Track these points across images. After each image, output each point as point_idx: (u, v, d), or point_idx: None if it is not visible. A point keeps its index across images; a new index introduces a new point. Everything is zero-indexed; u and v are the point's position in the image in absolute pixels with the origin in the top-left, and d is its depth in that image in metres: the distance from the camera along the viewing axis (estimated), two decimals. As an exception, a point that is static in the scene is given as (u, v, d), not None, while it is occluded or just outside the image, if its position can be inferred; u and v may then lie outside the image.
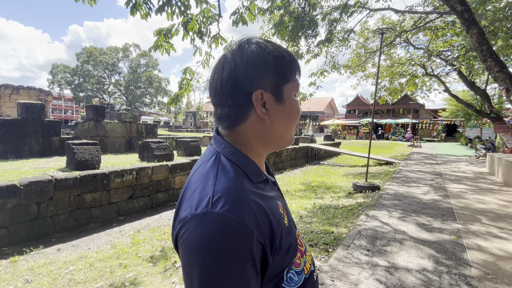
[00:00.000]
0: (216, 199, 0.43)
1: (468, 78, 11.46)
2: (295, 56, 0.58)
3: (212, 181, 0.47)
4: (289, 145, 0.60)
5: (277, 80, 0.53)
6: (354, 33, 9.72)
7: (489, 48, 4.76)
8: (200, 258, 0.40)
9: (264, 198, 0.49)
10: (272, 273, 0.49)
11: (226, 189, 0.45)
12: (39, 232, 3.56)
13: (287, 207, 0.63)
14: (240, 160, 0.52)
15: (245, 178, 0.50)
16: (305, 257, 0.59)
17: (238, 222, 0.41)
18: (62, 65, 37.05)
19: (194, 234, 0.41)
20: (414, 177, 7.42)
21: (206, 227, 0.41)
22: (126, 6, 3.30)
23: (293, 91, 0.56)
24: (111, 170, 4.45)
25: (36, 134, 6.66)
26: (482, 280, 2.34)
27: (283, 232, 0.50)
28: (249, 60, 0.51)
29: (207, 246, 0.40)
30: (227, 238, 0.40)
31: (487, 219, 3.98)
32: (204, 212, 0.42)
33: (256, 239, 0.42)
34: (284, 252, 0.50)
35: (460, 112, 22.34)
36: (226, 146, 0.54)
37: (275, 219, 0.48)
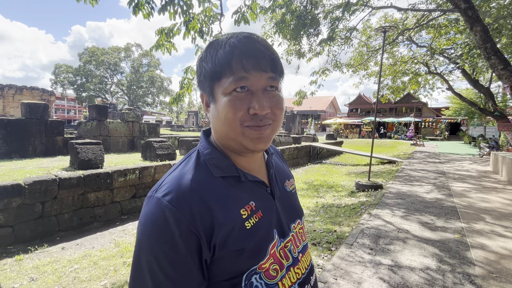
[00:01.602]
0: (161, 186, 0.50)
1: (472, 76, 11.37)
2: (247, 46, 0.50)
3: (171, 171, 0.54)
4: (247, 149, 0.53)
5: (208, 81, 0.53)
6: (356, 31, 9.68)
7: (493, 45, 4.72)
8: (138, 230, 0.48)
9: (218, 194, 0.50)
10: (222, 272, 0.48)
11: (172, 178, 0.51)
12: (43, 231, 3.59)
13: (283, 212, 0.59)
14: (208, 154, 0.55)
15: (205, 172, 0.53)
16: (284, 271, 0.54)
17: (167, 207, 0.46)
18: (64, 65, 37.26)
19: (141, 212, 0.50)
20: (417, 176, 7.38)
21: (146, 207, 0.49)
22: (128, 6, 3.31)
23: (225, 88, 0.50)
24: (114, 170, 4.47)
25: (40, 134, 6.71)
26: (486, 279, 2.33)
27: (233, 232, 0.48)
28: (196, 66, 0.57)
29: (142, 223, 0.48)
30: (156, 219, 0.46)
31: (491, 217, 3.95)
32: (150, 195, 0.50)
33: (187, 228, 0.45)
34: (234, 253, 0.48)
35: (463, 110, 22.15)
36: (202, 141, 0.59)
37: (221, 217, 0.48)
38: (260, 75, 0.50)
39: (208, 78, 0.52)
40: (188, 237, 0.45)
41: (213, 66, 0.50)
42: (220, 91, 0.51)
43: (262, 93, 0.51)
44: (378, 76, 6.35)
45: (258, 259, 0.51)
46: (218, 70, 0.50)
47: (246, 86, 0.50)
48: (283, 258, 0.56)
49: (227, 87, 0.49)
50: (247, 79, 0.49)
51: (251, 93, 0.50)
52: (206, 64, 0.52)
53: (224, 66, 0.49)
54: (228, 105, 0.49)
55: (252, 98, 0.50)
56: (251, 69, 0.49)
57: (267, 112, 0.50)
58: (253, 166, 0.59)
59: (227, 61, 0.49)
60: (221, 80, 0.50)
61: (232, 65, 0.49)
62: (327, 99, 45.88)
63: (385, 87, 13.60)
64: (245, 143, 0.52)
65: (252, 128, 0.51)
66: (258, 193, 0.56)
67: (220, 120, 0.52)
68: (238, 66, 0.49)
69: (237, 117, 0.50)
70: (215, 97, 0.52)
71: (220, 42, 0.51)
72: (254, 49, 0.50)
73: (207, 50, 0.53)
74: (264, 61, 0.50)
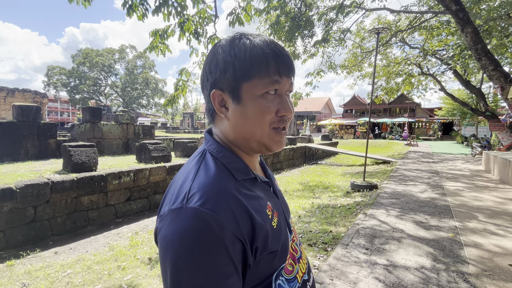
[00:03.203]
0: (192, 194, 0.44)
1: (463, 77, 11.56)
2: (278, 50, 0.51)
3: (192, 177, 0.48)
4: (268, 150, 0.54)
5: (234, 79, 0.50)
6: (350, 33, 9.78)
7: (484, 47, 4.81)
8: (172, 251, 0.41)
9: (247, 197, 0.49)
10: (256, 276, 0.47)
11: (202, 185, 0.46)
12: (36, 235, 3.52)
13: (284, 209, 0.61)
14: (225, 157, 0.53)
15: (228, 175, 0.50)
16: (298, 264, 0.57)
17: (211, 216, 0.41)
18: (58, 67, 36.82)
19: (169, 228, 0.43)
20: (411, 175, 7.46)
21: (179, 221, 0.42)
22: (122, 8, 3.29)
23: (257, 89, 0.49)
24: (108, 172, 4.42)
25: (32, 137, 6.61)
26: (480, 277, 2.36)
27: (268, 233, 0.48)
28: (211, 61, 0.53)
29: (179, 239, 0.41)
30: (199, 231, 0.41)
31: (483, 216, 4.01)
32: (180, 207, 0.43)
33: (233, 235, 0.42)
34: (270, 255, 0.48)
35: (456, 110, 22.50)
36: (213, 143, 0.55)
37: (258, 218, 0.47)
38: (287, 80, 0.52)
39: (237, 76, 0.49)
40: (235, 245, 0.42)
41: (247, 65, 0.49)
42: (249, 91, 0.50)
43: (286, 97, 0.53)
44: (372, 77, 6.42)
45: (286, 257, 0.53)
46: (252, 69, 0.49)
47: (277, 89, 0.51)
48: (294, 252, 0.58)
49: (260, 88, 0.49)
50: (280, 83, 0.51)
51: (279, 96, 0.52)
52: (236, 61, 0.49)
53: (262, 66, 0.49)
54: (261, 106, 0.50)
55: (281, 101, 0.51)
56: (284, 74, 0.51)
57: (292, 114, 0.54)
58: (257, 166, 0.61)
59: (265, 62, 0.49)
60: (252, 80, 0.49)
61: (269, 67, 0.49)
62: (322, 100, 46.16)
63: (379, 88, 13.75)
64: (269, 144, 0.53)
65: (277, 131, 0.52)
66: (269, 193, 0.58)
67: (248, 120, 0.51)
68: (275, 70, 0.50)
69: (267, 119, 0.51)
70: (241, 97, 0.50)
71: (251, 41, 0.50)
72: (285, 55, 0.52)
73: (232, 45, 0.51)
74: (292, 68, 0.53)
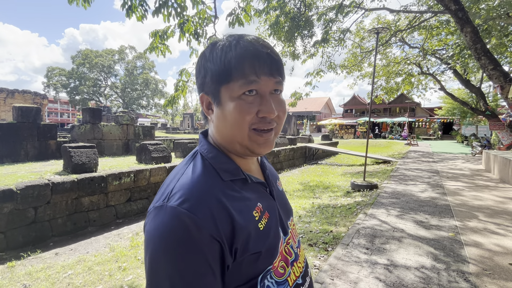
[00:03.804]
0: (173, 193, 0.47)
1: (463, 76, 11.56)
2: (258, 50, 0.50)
3: (178, 177, 0.51)
4: (252, 152, 0.53)
5: (213, 83, 0.51)
6: (350, 33, 9.78)
7: (483, 46, 4.81)
8: (151, 246, 0.44)
9: (232, 198, 0.49)
10: (239, 276, 0.48)
11: (184, 185, 0.48)
12: (36, 236, 3.53)
13: (281, 211, 0.61)
14: (214, 158, 0.54)
15: (214, 176, 0.51)
16: (290, 268, 0.56)
17: (187, 215, 0.43)
18: (57, 68, 36.88)
19: (150, 225, 0.45)
20: (411, 175, 7.46)
21: (158, 218, 0.44)
22: (122, 8, 3.29)
23: (234, 91, 0.49)
24: (108, 173, 4.42)
25: (32, 138, 6.61)
26: (480, 276, 2.36)
27: (251, 235, 0.48)
28: (196, 66, 0.56)
29: (158, 235, 0.43)
30: (174, 229, 0.42)
31: (484, 215, 4.01)
32: (161, 205, 0.46)
33: (210, 235, 0.43)
34: (253, 256, 0.48)
35: (455, 110, 22.52)
36: (204, 144, 0.57)
37: (240, 221, 0.47)
38: (269, 80, 0.50)
39: (216, 80, 0.51)
40: (211, 245, 0.43)
41: (222, 68, 0.50)
42: (228, 94, 0.50)
43: (269, 97, 0.51)
44: (372, 77, 6.42)
45: (272, 259, 0.52)
46: (228, 72, 0.49)
47: (255, 90, 0.50)
48: (288, 254, 0.57)
49: (237, 90, 0.49)
50: (258, 83, 0.49)
51: (259, 97, 0.50)
52: (213, 65, 0.51)
53: (236, 68, 0.49)
54: (238, 108, 0.49)
55: (262, 102, 0.50)
56: (262, 74, 0.49)
57: (275, 115, 0.52)
58: (253, 168, 0.61)
59: (239, 64, 0.49)
60: (230, 83, 0.49)
61: (244, 68, 0.49)
62: (322, 100, 46.16)
63: (379, 88, 13.76)
64: (252, 147, 0.52)
65: (258, 133, 0.51)
66: (262, 194, 0.57)
67: (228, 123, 0.51)
68: (250, 70, 0.49)
69: (246, 120, 0.50)
70: (221, 100, 0.51)
71: (229, 44, 0.51)
72: (264, 54, 0.50)
73: (212, 51, 0.52)
74: (274, 66, 0.51)
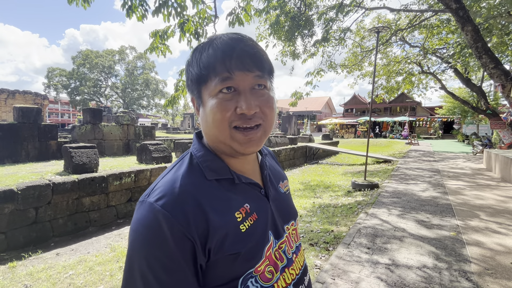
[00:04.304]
0: (154, 190, 0.49)
1: (464, 75, 11.54)
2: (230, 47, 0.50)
3: (163, 175, 0.54)
4: (237, 152, 0.52)
5: (194, 85, 0.53)
6: (350, 32, 9.76)
7: (484, 45, 4.80)
8: (130, 238, 0.47)
9: (213, 197, 0.50)
10: (217, 277, 0.48)
11: (164, 182, 0.50)
12: (37, 237, 3.53)
13: (276, 213, 0.59)
14: (202, 157, 0.55)
15: (198, 175, 0.52)
16: (279, 273, 0.54)
17: (161, 212, 0.45)
18: (58, 69, 36.94)
19: (133, 218, 0.48)
20: (412, 174, 7.45)
21: (138, 212, 0.48)
22: (122, 8, 3.29)
23: (210, 90, 0.50)
24: (109, 173, 4.42)
25: (33, 139, 6.61)
26: (482, 275, 2.36)
27: (228, 235, 0.48)
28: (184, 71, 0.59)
29: (134, 229, 0.47)
30: (149, 225, 0.45)
31: (485, 214, 4.00)
32: (142, 200, 0.49)
33: (181, 233, 0.44)
34: (230, 257, 0.48)
35: (456, 109, 22.48)
36: (195, 143, 0.58)
37: (216, 220, 0.47)
38: (245, 75, 0.49)
39: (195, 82, 0.52)
40: (182, 242, 0.44)
41: (199, 70, 0.51)
42: (207, 94, 0.51)
43: (249, 93, 0.50)
44: (372, 76, 6.41)
45: (254, 262, 0.51)
46: (203, 73, 0.50)
47: (233, 87, 0.49)
48: (278, 259, 0.55)
49: (213, 89, 0.50)
50: (232, 79, 0.48)
51: (238, 93, 0.49)
52: (193, 69, 0.52)
53: (209, 68, 0.49)
54: (215, 106, 0.49)
55: (239, 98, 0.49)
56: (235, 69, 0.48)
57: (255, 112, 0.50)
58: (247, 167, 0.59)
59: (211, 63, 0.49)
60: (207, 83, 0.50)
61: (216, 66, 0.49)
62: (322, 99, 46.12)
63: (380, 87, 13.74)
64: (234, 146, 0.51)
65: (240, 132, 0.50)
66: (252, 195, 0.56)
67: (208, 122, 0.51)
68: (222, 67, 0.48)
69: (225, 118, 0.49)
70: (203, 100, 0.52)
71: (204, 46, 0.52)
72: (237, 49, 0.49)
73: (192, 55, 0.54)
74: (248, 60, 0.49)
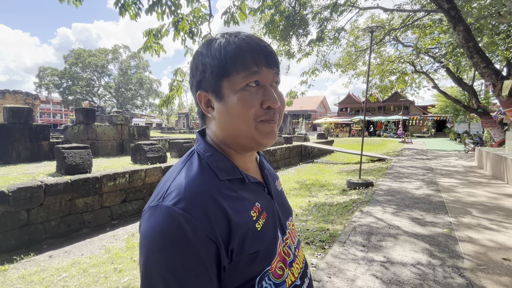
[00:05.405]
0: (168, 193, 0.46)
1: (456, 75, 11.71)
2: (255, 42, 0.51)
3: (174, 177, 0.50)
4: (259, 144, 0.52)
5: (214, 78, 0.50)
6: (344, 32, 9.82)
7: (475, 44, 4.88)
8: (145, 246, 0.43)
9: (228, 197, 0.49)
10: (237, 278, 0.47)
11: (179, 184, 0.47)
12: (29, 239, 3.47)
13: (280, 211, 0.60)
14: (211, 157, 0.53)
15: (211, 175, 0.50)
16: (288, 269, 0.55)
17: (182, 215, 0.42)
18: (49, 68, 36.30)
19: (145, 224, 0.44)
20: (406, 172, 7.54)
21: (153, 218, 0.44)
22: (115, 7, 3.24)
23: (237, 83, 0.49)
24: (103, 174, 4.37)
25: (24, 139, 6.49)
26: (475, 271, 2.40)
27: (248, 235, 0.48)
28: (192, 65, 0.55)
29: (152, 235, 0.42)
30: (169, 229, 0.42)
31: (477, 211, 4.07)
32: (156, 205, 0.45)
33: (205, 235, 0.42)
34: (250, 257, 0.47)
35: (449, 108, 22.82)
36: (201, 143, 0.56)
37: (237, 221, 0.47)
38: (268, 71, 0.51)
39: (216, 74, 0.50)
40: (206, 245, 0.42)
41: (223, 61, 0.49)
42: (230, 87, 0.50)
43: (270, 88, 0.52)
44: (367, 76, 6.46)
45: (270, 260, 0.51)
46: (229, 65, 0.49)
47: (258, 81, 0.50)
48: (286, 255, 0.57)
49: (239, 82, 0.49)
50: (260, 74, 0.50)
51: (262, 88, 0.51)
52: (213, 60, 0.50)
53: (236, 61, 0.49)
54: (242, 100, 0.49)
55: (265, 92, 0.51)
56: (263, 65, 0.50)
57: (278, 106, 0.52)
58: (250, 166, 0.60)
59: (240, 56, 0.49)
60: (231, 76, 0.49)
61: (245, 60, 0.49)
62: (317, 99, 46.33)
63: (374, 86, 13.87)
64: (258, 138, 0.52)
65: (266, 122, 0.51)
66: (260, 194, 0.57)
67: (232, 116, 0.50)
68: (251, 61, 0.49)
69: (251, 112, 0.50)
70: (223, 94, 0.50)
71: (226, 39, 0.51)
72: (262, 46, 0.51)
73: (209, 47, 0.52)
74: (271, 58, 0.52)
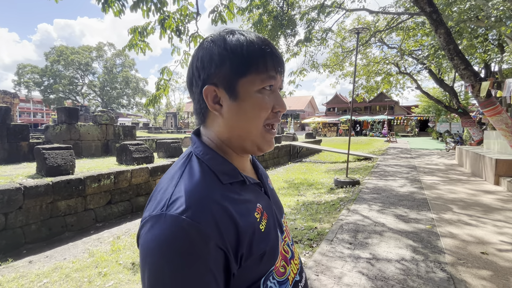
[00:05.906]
0: (173, 200, 0.42)
1: (438, 76, 12.15)
2: (272, 47, 0.51)
3: (175, 182, 0.46)
4: (260, 150, 0.53)
5: (231, 75, 0.48)
6: (332, 33, 9.96)
7: (456, 47, 5.06)
8: (150, 258, 0.40)
9: (233, 201, 0.47)
10: (243, 281, 0.46)
11: (185, 191, 0.44)
12: (7, 244, 3.31)
13: (276, 209, 0.60)
14: (211, 160, 0.50)
15: (213, 179, 0.48)
16: (289, 266, 0.56)
17: (190, 225, 0.40)
18: (29, 65, 34.76)
19: (148, 235, 0.41)
20: (391, 171, 7.74)
21: (158, 228, 0.40)
22: (97, 3, 3.15)
23: (255, 85, 0.48)
24: (86, 175, 4.23)
25: (1, 140, 6.20)
26: (455, 265, 2.49)
27: (254, 238, 0.47)
28: (203, 55, 0.50)
29: (158, 247, 0.39)
30: (177, 240, 0.39)
31: (457, 207, 4.24)
32: (159, 214, 0.41)
33: (215, 244, 0.40)
34: (257, 259, 0.47)
35: (431, 108, 23.65)
36: (199, 145, 0.53)
37: (244, 224, 0.45)
38: (280, 77, 0.52)
39: (235, 71, 0.48)
40: (216, 254, 0.41)
41: (246, 60, 0.47)
42: (247, 87, 0.48)
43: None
44: (353, 76, 6.58)
45: (275, 259, 0.51)
46: (252, 64, 0.48)
47: (272, 85, 0.51)
48: (286, 253, 0.57)
49: (258, 83, 0.48)
50: (275, 79, 0.50)
51: (274, 92, 0.52)
52: (234, 55, 0.48)
53: (259, 62, 0.48)
54: (260, 102, 0.49)
55: (276, 97, 0.51)
56: (278, 71, 0.51)
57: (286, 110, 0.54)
58: (247, 167, 0.59)
59: (262, 57, 0.48)
60: (249, 76, 0.48)
61: (267, 62, 0.49)
62: (305, 98, 46.79)
63: (360, 87, 14.16)
64: (261, 144, 0.52)
65: (268, 131, 0.52)
66: (259, 194, 0.57)
67: (246, 117, 0.49)
68: (272, 65, 0.49)
69: (263, 116, 0.50)
70: (238, 93, 0.48)
71: (246, 38, 0.49)
72: (278, 52, 0.52)
73: (226, 41, 0.49)
74: (283, 65, 0.53)
